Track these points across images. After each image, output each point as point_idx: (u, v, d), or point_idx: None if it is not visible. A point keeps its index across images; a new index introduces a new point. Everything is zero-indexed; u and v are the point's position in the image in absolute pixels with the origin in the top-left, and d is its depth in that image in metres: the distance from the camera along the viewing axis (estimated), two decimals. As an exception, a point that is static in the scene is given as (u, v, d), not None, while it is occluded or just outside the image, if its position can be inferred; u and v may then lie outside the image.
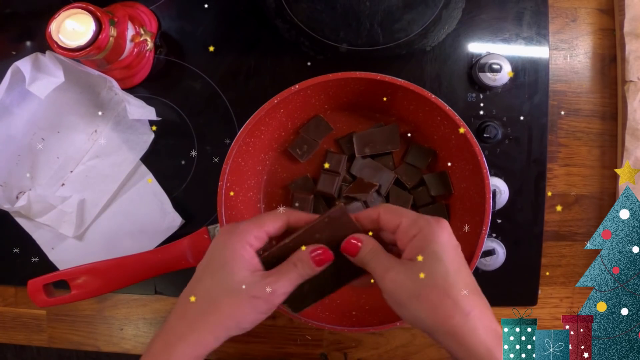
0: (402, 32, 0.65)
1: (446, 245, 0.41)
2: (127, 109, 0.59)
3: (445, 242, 0.42)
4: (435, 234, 0.42)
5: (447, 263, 0.41)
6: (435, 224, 0.42)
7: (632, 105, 0.63)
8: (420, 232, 0.42)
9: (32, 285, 0.55)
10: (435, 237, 0.41)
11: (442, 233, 0.42)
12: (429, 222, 0.42)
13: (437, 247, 0.41)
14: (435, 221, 0.42)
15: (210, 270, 0.43)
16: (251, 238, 0.43)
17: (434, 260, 0.41)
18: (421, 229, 0.42)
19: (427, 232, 0.42)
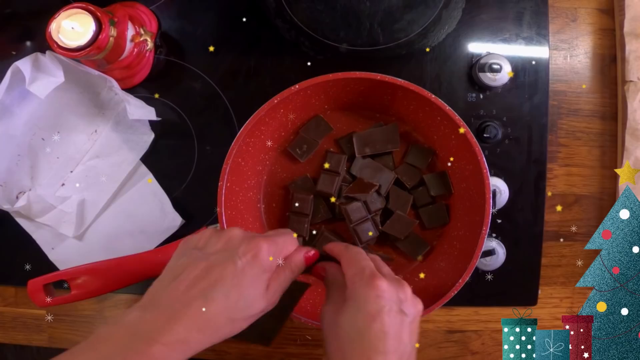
0: (402, 32, 0.65)
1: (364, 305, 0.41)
2: (127, 109, 0.59)
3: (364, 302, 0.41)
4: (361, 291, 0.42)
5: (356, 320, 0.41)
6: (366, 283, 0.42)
7: (632, 105, 0.63)
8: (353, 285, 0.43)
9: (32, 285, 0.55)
10: (357, 295, 0.42)
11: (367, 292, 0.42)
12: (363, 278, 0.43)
13: (355, 304, 0.42)
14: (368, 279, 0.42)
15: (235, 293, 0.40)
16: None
17: (348, 314, 0.42)
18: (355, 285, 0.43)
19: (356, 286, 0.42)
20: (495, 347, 0.66)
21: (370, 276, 0.42)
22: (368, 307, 0.41)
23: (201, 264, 0.40)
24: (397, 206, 0.61)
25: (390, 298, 0.42)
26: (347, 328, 0.41)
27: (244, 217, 0.60)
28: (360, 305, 0.41)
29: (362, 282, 0.42)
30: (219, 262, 0.40)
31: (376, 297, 0.41)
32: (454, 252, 0.59)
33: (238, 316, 0.40)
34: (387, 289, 0.42)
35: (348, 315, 0.42)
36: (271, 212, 0.63)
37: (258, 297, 0.41)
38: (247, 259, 0.40)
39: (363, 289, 0.42)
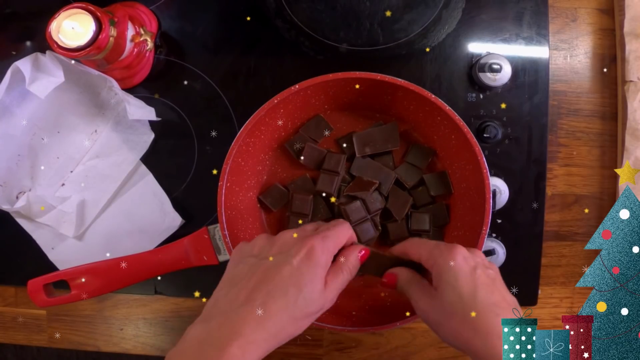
0: (402, 32, 0.65)
1: (458, 272, 0.44)
2: (127, 109, 0.59)
3: (457, 269, 0.44)
4: (446, 263, 0.44)
5: (460, 289, 0.43)
6: (447, 253, 0.45)
7: (632, 105, 0.63)
8: (435, 263, 0.45)
9: (32, 285, 0.55)
10: (447, 266, 0.44)
11: (453, 260, 0.44)
12: (442, 251, 0.45)
13: (449, 277, 0.44)
14: (447, 250, 0.45)
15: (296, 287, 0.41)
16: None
17: (449, 289, 0.43)
18: (435, 260, 0.45)
19: (440, 262, 0.45)
20: (495, 347, 0.66)
21: (447, 247, 0.45)
22: (464, 271, 0.43)
23: (259, 269, 0.42)
24: (397, 207, 0.61)
25: (473, 259, 0.45)
26: (458, 300, 0.43)
27: (244, 217, 0.60)
28: (456, 275, 0.43)
29: (444, 255, 0.44)
30: (276, 265, 0.42)
31: (464, 260, 0.44)
32: (454, 252, 0.59)
33: (299, 314, 0.41)
34: (467, 253, 0.45)
35: (450, 291, 0.43)
36: (271, 212, 0.63)
37: (316, 293, 0.42)
38: (301, 258, 0.42)
39: (449, 261, 0.44)
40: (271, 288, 0.41)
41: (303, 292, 0.41)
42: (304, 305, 0.41)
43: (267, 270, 0.42)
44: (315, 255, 0.42)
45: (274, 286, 0.41)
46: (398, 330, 0.65)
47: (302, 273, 0.41)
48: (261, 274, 0.42)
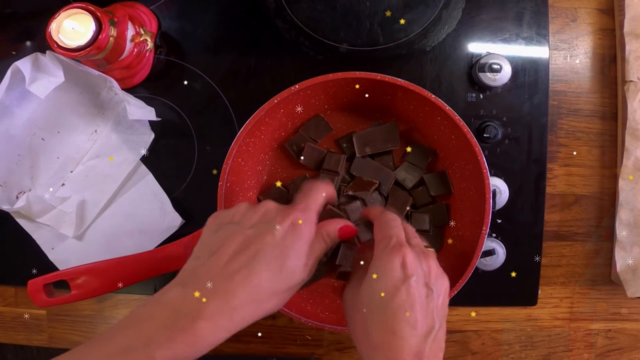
0: (402, 32, 0.65)
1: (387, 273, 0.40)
2: (127, 109, 0.59)
3: (388, 270, 0.40)
4: (385, 258, 0.41)
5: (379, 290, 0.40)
6: (390, 250, 0.41)
7: (632, 105, 0.63)
8: (378, 252, 0.42)
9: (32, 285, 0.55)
10: (381, 262, 0.41)
11: (392, 260, 0.40)
12: (388, 244, 0.42)
13: (378, 272, 0.40)
14: (393, 247, 0.41)
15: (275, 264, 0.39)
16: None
17: (368, 284, 0.41)
18: (379, 252, 0.42)
19: (381, 253, 0.41)
20: (495, 347, 0.66)
21: (397, 245, 0.41)
22: (392, 276, 0.40)
23: (239, 237, 0.40)
24: (396, 207, 0.61)
25: (414, 269, 0.40)
26: (369, 298, 0.40)
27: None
28: (384, 274, 0.40)
29: (387, 249, 0.41)
30: (258, 234, 0.40)
31: (401, 266, 0.40)
32: (454, 252, 0.59)
33: (281, 288, 0.39)
34: (412, 260, 0.40)
35: (370, 285, 0.40)
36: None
37: (299, 266, 0.40)
38: (284, 229, 0.40)
39: (387, 257, 0.40)
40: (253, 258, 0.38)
41: (287, 265, 0.39)
42: (287, 278, 0.39)
43: (248, 238, 0.40)
44: (300, 228, 0.40)
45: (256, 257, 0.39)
46: (398, 330, 0.65)
47: (285, 245, 0.39)
48: (242, 242, 0.40)
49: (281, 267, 0.39)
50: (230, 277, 0.38)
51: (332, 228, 0.44)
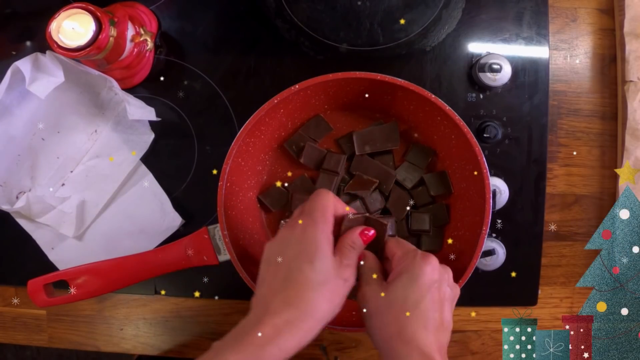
0: (402, 32, 0.65)
1: (420, 276, 0.44)
2: (127, 109, 0.59)
3: (420, 274, 0.44)
4: (417, 265, 0.45)
5: (412, 291, 0.44)
6: (421, 258, 0.45)
7: (632, 105, 0.63)
8: (405, 263, 0.46)
9: (32, 285, 0.55)
10: (414, 268, 0.45)
11: (423, 266, 0.45)
12: (416, 256, 0.46)
13: (409, 276, 0.45)
14: (422, 255, 0.46)
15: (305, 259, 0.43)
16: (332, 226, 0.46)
17: (402, 286, 0.45)
18: (406, 261, 0.46)
19: (409, 263, 0.45)
20: (495, 347, 0.66)
21: (425, 254, 0.46)
22: (424, 279, 0.44)
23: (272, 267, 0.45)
24: (397, 207, 0.61)
25: (441, 274, 0.46)
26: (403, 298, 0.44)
27: (244, 217, 0.60)
28: (416, 277, 0.44)
29: (417, 258, 0.45)
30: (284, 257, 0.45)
31: (432, 271, 0.45)
32: (454, 252, 0.59)
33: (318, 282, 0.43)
34: (439, 267, 0.46)
35: (402, 287, 0.44)
36: (271, 212, 0.63)
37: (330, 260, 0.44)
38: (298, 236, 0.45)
39: (419, 263, 0.45)
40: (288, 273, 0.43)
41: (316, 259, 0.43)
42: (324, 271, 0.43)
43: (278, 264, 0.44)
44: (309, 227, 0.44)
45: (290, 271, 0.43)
46: (398, 330, 0.65)
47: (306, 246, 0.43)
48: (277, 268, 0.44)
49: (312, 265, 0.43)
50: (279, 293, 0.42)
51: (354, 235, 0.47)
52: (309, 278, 0.42)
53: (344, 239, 0.46)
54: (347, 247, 0.46)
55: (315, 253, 0.43)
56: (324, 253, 0.44)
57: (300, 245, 0.44)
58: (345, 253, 0.46)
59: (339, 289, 0.44)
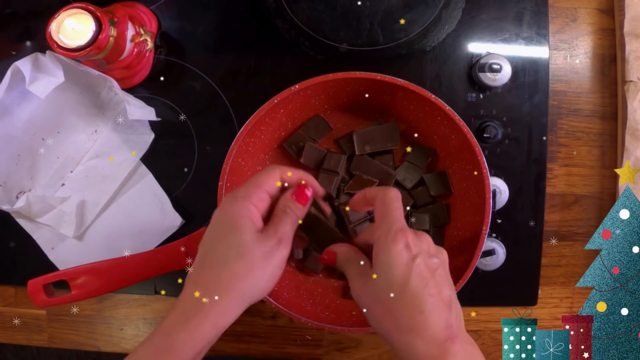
0: (402, 32, 0.65)
1: (395, 256, 0.41)
2: (127, 109, 0.59)
3: (395, 254, 0.41)
4: (387, 245, 0.41)
5: (392, 276, 0.41)
6: (392, 235, 0.42)
7: (632, 105, 0.63)
8: (378, 240, 0.42)
9: (32, 285, 0.55)
10: (387, 248, 0.41)
11: (394, 244, 0.41)
12: (389, 230, 0.42)
13: (385, 259, 0.41)
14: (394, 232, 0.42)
15: (219, 237, 0.43)
16: (254, 199, 0.44)
17: (381, 274, 0.41)
18: (379, 238, 0.42)
19: (381, 242, 0.42)
20: (495, 347, 0.66)
21: (397, 231, 0.42)
22: (401, 260, 0.41)
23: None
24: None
25: (418, 247, 0.42)
26: (387, 286, 0.41)
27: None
28: (392, 260, 0.41)
29: (389, 238, 0.42)
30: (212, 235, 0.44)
31: (405, 249, 0.41)
32: (454, 252, 0.59)
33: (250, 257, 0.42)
34: (414, 240, 0.42)
35: (383, 275, 0.41)
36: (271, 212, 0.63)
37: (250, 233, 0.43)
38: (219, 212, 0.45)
39: (391, 245, 0.41)
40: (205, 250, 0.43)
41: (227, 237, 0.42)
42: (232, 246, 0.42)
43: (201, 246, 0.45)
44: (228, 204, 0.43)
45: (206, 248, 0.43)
46: (398, 330, 0.65)
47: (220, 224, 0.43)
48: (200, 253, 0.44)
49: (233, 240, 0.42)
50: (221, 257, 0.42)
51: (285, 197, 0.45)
52: (220, 254, 0.41)
53: (276, 206, 0.45)
54: (278, 213, 0.44)
55: (229, 229, 0.42)
56: (238, 226, 0.42)
57: (217, 224, 0.43)
58: (275, 220, 0.43)
59: (266, 259, 0.42)
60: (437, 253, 0.43)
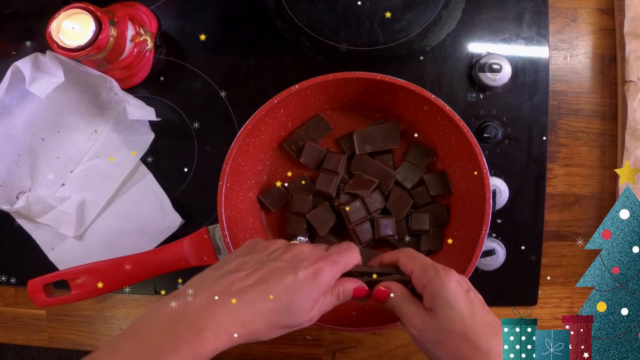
0: (402, 32, 0.65)
1: (455, 292, 0.44)
2: (127, 109, 0.59)
3: (454, 290, 0.44)
4: (443, 284, 0.44)
5: (460, 308, 0.44)
6: (443, 275, 0.45)
7: (632, 105, 0.63)
8: (430, 282, 0.45)
9: (32, 285, 0.55)
10: (444, 286, 0.44)
11: (450, 282, 0.45)
12: (437, 272, 0.45)
13: (447, 295, 0.44)
14: (443, 271, 0.45)
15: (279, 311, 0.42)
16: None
17: (448, 308, 0.44)
18: (430, 280, 0.45)
19: (436, 282, 0.45)
20: (495, 347, 0.66)
21: (443, 269, 0.46)
22: (460, 293, 0.44)
23: (265, 267, 0.42)
24: (397, 207, 0.61)
25: (466, 282, 0.46)
26: (458, 319, 0.43)
27: (244, 217, 0.60)
28: (454, 295, 0.44)
29: (440, 276, 0.45)
30: (281, 269, 0.42)
31: (458, 283, 0.45)
32: (454, 252, 0.59)
33: (278, 322, 0.41)
34: (459, 275, 0.46)
35: (450, 310, 0.44)
36: (271, 212, 0.63)
37: (303, 311, 0.42)
38: (307, 274, 0.42)
39: (447, 282, 0.44)
40: (267, 289, 0.41)
41: (292, 305, 0.41)
42: (288, 316, 0.42)
43: (271, 271, 0.42)
44: (321, 277, 0.43)
45: (269, 285, 0.41)
46: (398, 330, 0.65)
47: (302, 288, 0.42)
48: (265, 273, 0.42)
49: (287, 305, 0.41)
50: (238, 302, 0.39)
51: (348, 287, 0.46)
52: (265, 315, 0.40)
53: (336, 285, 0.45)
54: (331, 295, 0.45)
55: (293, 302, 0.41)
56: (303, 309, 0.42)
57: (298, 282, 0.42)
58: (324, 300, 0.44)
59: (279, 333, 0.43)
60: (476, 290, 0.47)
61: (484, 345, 0.43)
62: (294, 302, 0.41)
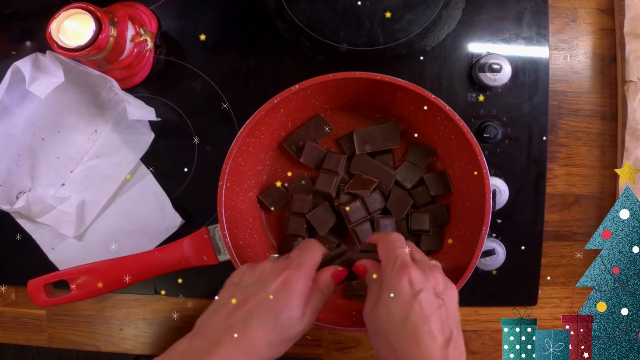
0: (402, 32, 0.65)
1: (399, 293, 0.42)
2: (127, 109, 0.59)
3: (400, 290, 0.43)
4: (392, 281, 0.43)
5: (394, 311, 0.42)
6: (397, 272, 0.44)
7: (632, 105, 0.63)
8: (384, 275, 0.44)
9: (32, 285, 0.55)
10: (391, 284, 0.43)
11: (399, 282, 0.43)
12: (393, 268, 0.44)
13: (389, 293, 0.43)
14: (398, 269, 0.44)
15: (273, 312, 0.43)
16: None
17: (384, 306, 0.43)
18: (385, 273, 0.45)
19: (387, 277, 0.44)
20: (495, 347, 0.66)
21: (402, 265, 0.44)
22: (403, 295, 0.42)
23: (238, 296, 0.44)
24: (396, 207, 0.61)
25: (422, 284, 0.43)
26: (387, 319, 0.42)
27: (244, 217, 0.60)
28: (395, 294, 0.42)
29: (394, 271, 0.44)
30: (253, 293, 0.44)
31: (409, 285, 0.43)
32: (454, 252, 0.60)
33: (276, 340, 0.43)
34: (418, 276, 0.43)
35: (385, 306, 0.43)
36: (271, 212, 0.63)
37: (295, 319, 0.43)
38: (277, 286, 0.43)
39: (395, 278, 0.43)
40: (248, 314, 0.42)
41: (280, 320, 0.42)
42: (282, 331, 0.43)
43: (245, 298, 0.43)
44: (292, 284, 0.43)
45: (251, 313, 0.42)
46: (398, 330, 0.65)
47: (278, 301, 0.43)
48: (240, 301, 0.43)
49: (275, 322, 0.42)
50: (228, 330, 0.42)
51: (325, 277, 0.47)
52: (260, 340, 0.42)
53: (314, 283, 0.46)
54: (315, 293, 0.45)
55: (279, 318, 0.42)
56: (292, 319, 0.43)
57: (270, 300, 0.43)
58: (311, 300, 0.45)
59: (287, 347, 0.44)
60: (444, 289, 0.44)
61: (402, 354, 0.41)
62: (279, 318, 0.42)
